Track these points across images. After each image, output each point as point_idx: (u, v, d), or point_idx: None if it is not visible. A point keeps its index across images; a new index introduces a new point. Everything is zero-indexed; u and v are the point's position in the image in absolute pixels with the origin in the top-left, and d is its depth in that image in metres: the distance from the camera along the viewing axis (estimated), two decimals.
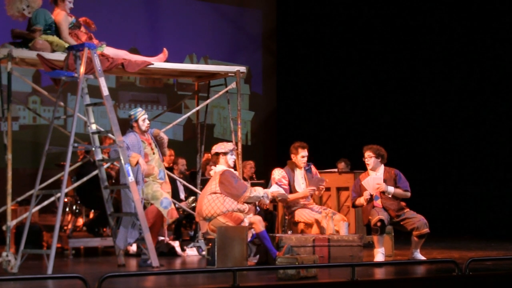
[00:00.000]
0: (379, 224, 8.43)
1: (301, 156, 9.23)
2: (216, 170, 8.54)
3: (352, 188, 9.02)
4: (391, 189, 8.65)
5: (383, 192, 8.65)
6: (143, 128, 8.72)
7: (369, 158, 8.76)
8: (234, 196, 8.35)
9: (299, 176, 9.25)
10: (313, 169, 9.46)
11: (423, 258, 8.61)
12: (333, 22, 15.02)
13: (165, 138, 9.04)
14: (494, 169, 12.89)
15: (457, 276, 6.98)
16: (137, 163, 8.43)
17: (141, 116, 8.73)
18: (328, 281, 7.05)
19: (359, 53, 14.61)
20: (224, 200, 8.32)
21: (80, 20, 9.22)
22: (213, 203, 8.32)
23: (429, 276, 7.59)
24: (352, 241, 8.63)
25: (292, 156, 9.31)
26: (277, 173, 9.16)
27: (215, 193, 8.36)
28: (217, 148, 8.59)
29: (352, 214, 10.64)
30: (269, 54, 16.05)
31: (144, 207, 8.50)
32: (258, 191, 8.43)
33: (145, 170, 8.53)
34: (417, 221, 8.56)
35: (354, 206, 9.04)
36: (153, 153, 8.77)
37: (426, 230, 8.53)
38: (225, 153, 8.53)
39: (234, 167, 8.77)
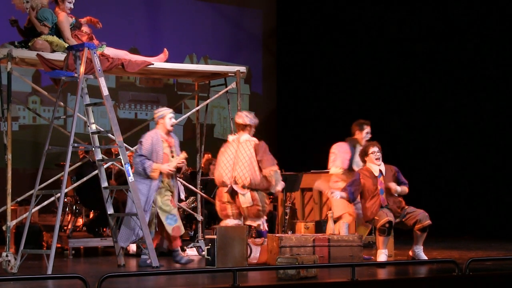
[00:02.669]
0: (387, 225, 8.40)
1: (366, 132, 9.27)
2: (247, 138, 8.73)
3: (349, 182, 8.88)
4: (399, 189, 8.64)
5: (388, 192, 8.61)
6: (168, 126, 8.64)
7: (377, 153, 8.71)
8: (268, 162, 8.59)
9: (358, 153, 9.14)
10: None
11: (425, 257, 8.57)
12: (333, 22, 15.01)
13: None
14: (494, 169, 12.88)
15: (457, 276, 6.97)
16: (160, 174, 8.45)
17: (168, 114, 8.66)
18: (328, 281, 7.05)
19: (360, 53, 14.61)
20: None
21: (84, 19, 9.22)
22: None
23: (429, 276, 7.59)
24: (352, 241, 8.62)
25: (357, 133, 9.29)
26: (342, 148, 9.18)
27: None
28: (247, 119, 8.80)
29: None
30: (269, 54, 16.05)
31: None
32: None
33: (170, 166, 8.51)
34: (418, 214, 8.54)
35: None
36: (172, 157, 8.69)
37: (428, 222, 8.47)
38: (251, 126, 8.81)
39: None
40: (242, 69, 9.92)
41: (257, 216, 8.71)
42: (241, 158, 8.68)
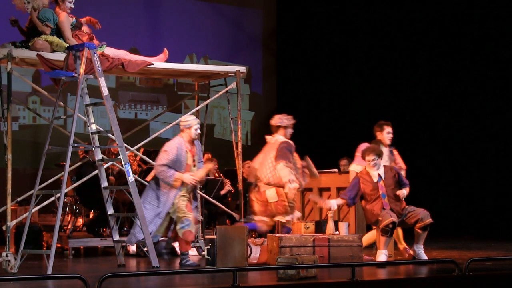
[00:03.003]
0: (391, 226, 8.39)
1: (386, 132, 9.42)
2: (277, 139, 8.92)
3: (349, 187, 8.92)
4: (406, 192, 8.69)
5: (395, 196, 8.63)
6: (194, 136, 8.61)
7: (373, 161, 8.72)
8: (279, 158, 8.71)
9: (385, 154, 9.24)
10: (395, 153, 9.55)
11: (426, 257, 8.57)
12: (333, 21, 15.02)
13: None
14: (494, 169, 12.88)
15: (457, 276, 6.98)
16: (182, 183, 8.45)
17: (195, 124, 8.63)
18: (328, 281, 7.05)
19: (359, 53, 14.61)
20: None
21: (84, 19, 9.22)
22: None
23: (429, 276, 7.59)
24: (352, 241, 8.62)
25: (378, 134, 9.46)
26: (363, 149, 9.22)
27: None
28: (279, 121, 9.01)
29: (352, 214, 10.63)
30: (269, 54, 16.05)
31: (171, 219, 8.53)
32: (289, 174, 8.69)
33: (195, 176, 8.49)
34: (419, 212, 8.56)
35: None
36: (194, 166, 8.64)
37: (429, 220, 8.49)
38: (285, 127, 8.97)
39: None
40: (242, 69, 9.92)
41: (285, 212, 8.73)
42: (266, 158, 8.81)
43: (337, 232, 8.78)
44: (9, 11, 9.11)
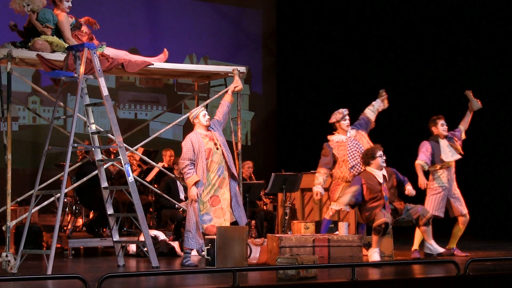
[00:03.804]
0: (383, 226, 8.40)
1: (440, 124, 9.63)
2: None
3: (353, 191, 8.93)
4: (412, 189, 8.81)
5: (395, 196, 8.68)
6: (204, 122, 8.71)
7: (384, 155, 8.79)
8: None
9: (444, 145, 9.52)
10: (456, 134, 9.74)
11: (441, 250, 8.68)
12: (333, 21, 15.02)
13: None
14: (493, 169, 12.88)
15: (457, 276, 6.98)
16: (194, 184, 8.46)
17: (201, 112, 8.77)
18: (328, 281, 7.05)
19: (359, 52, 14.61)
20: None
21: (83, 20, 9.22)
22: None
23: (429, 276, 7.59)
24: (352, 241, 8.63)
25: (434, 129, 9.66)
26: (423, 146, 9.47)
27: None
28: (331, 120, 9.53)
29: (352, 214, 10.62)
30: (269, 54, 16.05)
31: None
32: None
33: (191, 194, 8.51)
34: (418, 209, 8.70)
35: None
36: (217, 149, 8.69)
37: (430, 214, 8.71)
38: (337, 122, 9.49)
39: None
40: (242, 69, 9.92)
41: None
42: None
43: (337, 232, 8.78)
44: (9, 11, 9.10)
